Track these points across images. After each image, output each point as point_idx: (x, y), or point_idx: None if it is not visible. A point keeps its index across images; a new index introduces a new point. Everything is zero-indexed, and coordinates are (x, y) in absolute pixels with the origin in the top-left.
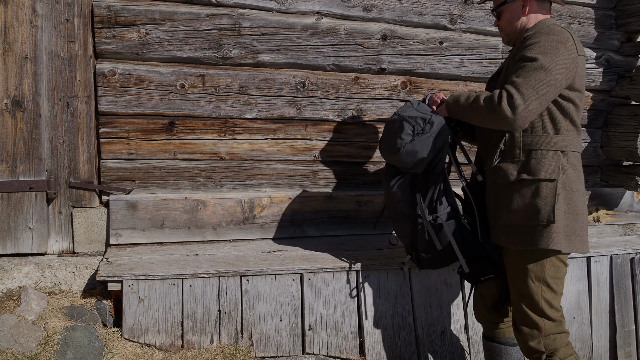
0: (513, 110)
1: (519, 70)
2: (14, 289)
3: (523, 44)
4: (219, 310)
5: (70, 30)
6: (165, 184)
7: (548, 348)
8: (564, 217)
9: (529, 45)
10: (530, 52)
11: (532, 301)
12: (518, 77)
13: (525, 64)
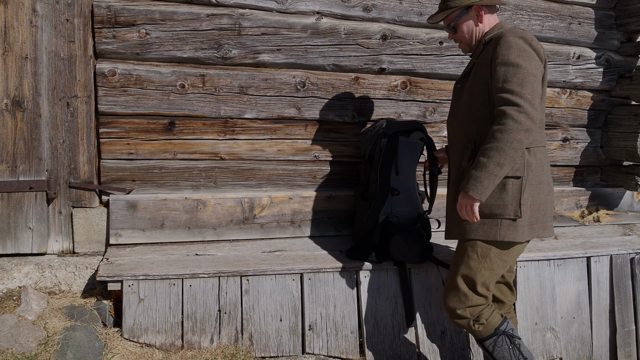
0: (528, 115)
1: (505, 76)
2: (14, 289)
3: (492, 47)
4: (219, 310)
5: (70, 30)
6: (165, 184)
7: (473, 314)
8: (529, 210)
9: (502, 48)
10: (508, 55)
11: (469, 278)
12: (508, 83)
13: (508, 69)
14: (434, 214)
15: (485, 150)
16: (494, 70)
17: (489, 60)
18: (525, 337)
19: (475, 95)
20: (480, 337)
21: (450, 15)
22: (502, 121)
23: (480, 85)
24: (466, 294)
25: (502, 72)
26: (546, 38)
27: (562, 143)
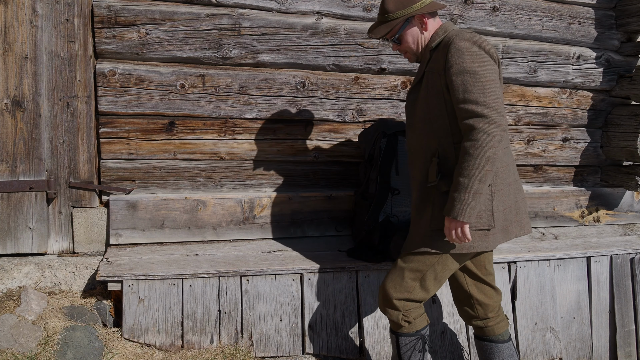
0: (498, 125)
1: (464, 86)
2: (14, 289)
3: (442, 54)
4: (219, 310)
5: (70, 30)
6: (165, 184)
7: (405, 308)
8: (502, 215)
9: (454, 55)
10: (462, 63)
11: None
12: (470, 93)
13: (465, 77)
14: None
15: (463, 170)
16: (450, 81)
17: (442, 69)
18: (525, 337)
19: (432, 106)
20: (401, 332)
21: (394, 28)
22: (474, 136)
23: (435, 96)
24: (409, 287)
25: (459, 81)
26: (546, 38)
27: (562, 143)
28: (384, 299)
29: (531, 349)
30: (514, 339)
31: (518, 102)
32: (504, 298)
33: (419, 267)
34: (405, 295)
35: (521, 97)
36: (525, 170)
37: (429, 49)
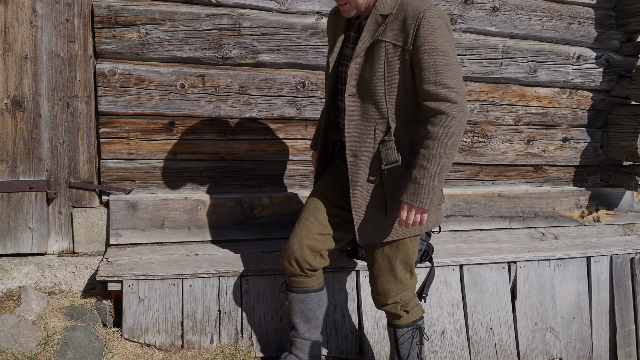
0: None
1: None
2: (14, 289)
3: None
4: (219, 310)
5: (70, 30)
6: (165, 184)
7: (403, 299)
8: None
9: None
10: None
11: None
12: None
13: (437, 58)
14: None
15: (432, 157)
16: (420, 59)
17: (408, 43)
18: (525, 337)
19: (390, 82)
20: (399, 323)
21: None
22: (446, 123)
23: (394, 71)
24: (403, 279)
25: (431, 61)
26: (546, 38)
27: (562, 143)
28: (384, 297)
29: (531, 349)
30: (514, 339)
31: (518, 102)
32: (504, 298)
33: (405, 259)
34: (402, 288)
35: (521, 97)
36: (525, 170)
37: (377, 12)
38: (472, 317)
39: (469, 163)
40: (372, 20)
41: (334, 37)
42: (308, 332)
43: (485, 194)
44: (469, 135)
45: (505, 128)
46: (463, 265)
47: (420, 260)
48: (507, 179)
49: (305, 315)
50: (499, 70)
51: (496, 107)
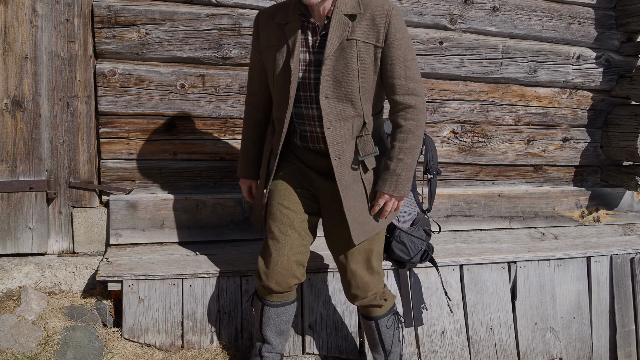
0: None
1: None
2: (14, 289)
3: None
4: (219, 310)
5: (70, 30)
6: (165, 184)
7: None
8: None
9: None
10: (404, 38)
11: (380, 253)
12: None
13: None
14: (434, 214)
15: (407, 149)
16: (391, 55)
17: (379, 41)
18: (525, 337)
19: (365, 79)
20: (379, 314)
21: None
22: (417, 117)
23: (368, 68)
24: (378, 270)
25: (402, 56)
26: (546, 38)
27: (562, 143)
28: (365, 290)
29: (531, 349)
30: (514, 339)
31: (518, 102)
32: (504, 298)
33: (379, 249)
34: (379, 279)
35: (521, 97)
36: (525, 170)
37: (340, 12)
38: (472, 317)
39: (469, 163)
40: (337, 21)
41: (282, 42)
42: (280, 345)
43: (485, 194)
44: (469, 135)
45: (505, 128)
46: (463, 265)
47: (421, 260)
48: (507, 179)
49: (279, 328)
50: (499, 70)
51: (496, 107)
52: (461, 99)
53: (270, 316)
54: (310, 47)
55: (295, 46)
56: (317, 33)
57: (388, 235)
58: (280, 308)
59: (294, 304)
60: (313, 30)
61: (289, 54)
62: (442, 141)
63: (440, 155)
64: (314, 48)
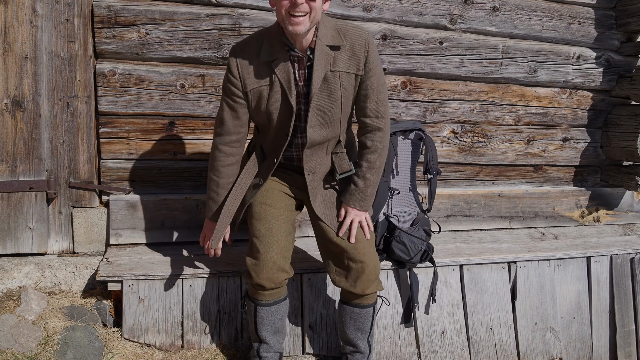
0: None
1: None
2: (14, 289)
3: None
4: (219, 310)
5: (70, 30)
6: (165, 184)
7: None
8: None
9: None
10: (379, 65)
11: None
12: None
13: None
14: (434, 214)
15: (374, 168)
16: (369, 81)
17: (360, 70)
18: (525, 337)
19: (346, 105)
20: (374, 300)
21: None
22: (383, 139)
23: (349, 96)
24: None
25: (376, 83)
26: (546, 38)
27: (562, 143)
28: (373, 285)
29: (531, 349)
30: (514, 339)
31: (518, 102)
32: (504, 298)
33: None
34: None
35: (521, 97)
36: (525, 170)
37: (323, 43)
38: (472, 317)
39: (469, 163)
40: (320, 52)
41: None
42: (278, 343)
43: (485, 194)
44: (469, 135)
45: (505, 128)
46: (463, 265)
47: (421, 261)
48: (507, 179)
49: (274, 326)
50: (499, 70)
51: (496, 107)
52: (461, 99)
53: (265, 316)
54: (297, 80)
55: (290, 83)
56: (304, 66)
57: (388, 235)
58: (274, 307)
59: (286, 301)
60: (299, 63)
61: (285, 91)
62: (442, 141)
63: (440, 155)
64: (302, 81)
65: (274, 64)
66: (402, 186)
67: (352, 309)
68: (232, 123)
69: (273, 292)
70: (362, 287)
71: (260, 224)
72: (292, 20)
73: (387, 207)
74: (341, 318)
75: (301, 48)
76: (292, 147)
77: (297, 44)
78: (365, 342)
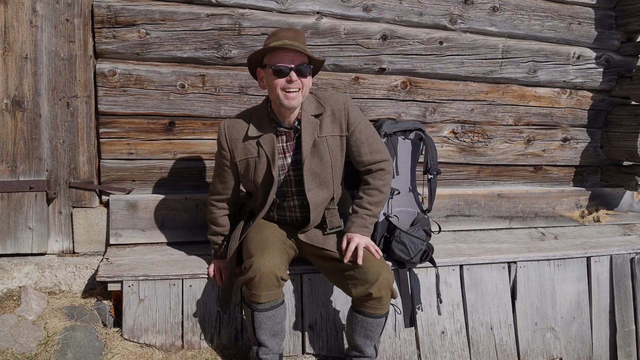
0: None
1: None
2: (14, 289)
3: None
4: (219, 310)
5: (70, 30)
6: (165, 184)
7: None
8: None
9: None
10: (362, 119)
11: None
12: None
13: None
14: (434, 214)
15: (375, 203)
16: (356, 137)
17: (343, 131)
18: (525, 337)
19: (337, 164)
20: (386, 310)
21: (312, 60)
22: (385, 177)
23: (339, 155)
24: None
25: (364, 136)
26: (546, 38)
27: (562, 143)
28: (386, 291)
29: (531, 349)
30: (514, 339)
31: (518, 102)
32: (504, 298)
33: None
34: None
35: (521, 97)
36: (525, 170)
37: (308, 113)
38: (472, 317)
39: (469, 163)
40: (307, 122)
41: (261, 154)
42: (277, 345)
43: (485, 194)
44: (469, 135)
45: (505, 128)
46: (463, 265)
47: (421, 261)
48: (507, 179)
49: (272, 330)
50: (499, 70)
51: (496, 107)
52: (461, 99)
53: (262, 321)
54: (286, 151)
55: (274, 156)
56: (292, 138)
57: (388, 235)
58: (271, 312)
59: (283, 305)
60: (287, 136)
61: (269, 164)
62: (442, 141)
63: (440, 155)
64: (291, 151)
65: (260, 138)
66: (402, 186)
67: (364, 318)
68: (220, 186)
69: (270, 294)
70: (379, 287)
71: (254, 246)
72: (287, 96)
73: (387, 207)
74: (351, 325)
75: (289, 122)
76: (286, 210)
77: (286, 120)
78: (372, 348)
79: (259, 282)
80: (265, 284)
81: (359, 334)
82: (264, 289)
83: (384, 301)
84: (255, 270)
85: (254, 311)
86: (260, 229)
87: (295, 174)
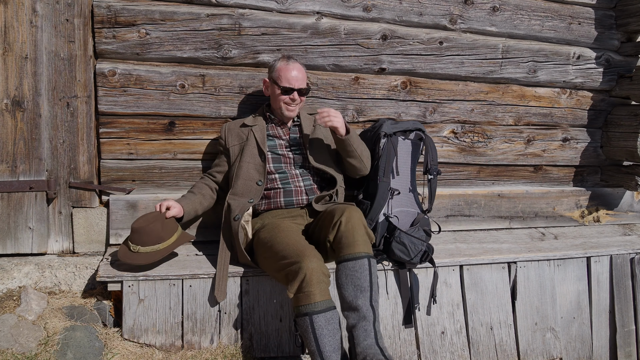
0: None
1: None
2: (14, 289)
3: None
4: (219, 310)
5: (70, 30)
6: (165, 184)
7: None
8: None
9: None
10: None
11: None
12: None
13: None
14: (434, 214)
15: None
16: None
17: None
18: (525, 337)
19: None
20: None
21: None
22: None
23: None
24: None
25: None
26: (546, 38)
27: (562, 143)
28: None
29: (531, 349)
30: (514, 339)
31: (518, 102)
32: (504, 298)
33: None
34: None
35: (521, 97)
36: (525, 170)
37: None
38: (472, 317)
39: (469, 163)
40: (304, 117)
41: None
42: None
43: (485, 194)
44: (469, 135)
45: (505, 128)
46: (463, 265)
47: (421, 261)
48: (507, 179)
49: (334, 338)
50: (499, 70)
51: (496, 107)
52: (461, 99)
53: (322, 325)
54: (282, 135)
55: (264, 140)
56: (288, 130)
57: (388, 236)
58: (329, 313)
59: (336, 310)
60: (283, 128)
61: (259, 145)
62: (442, 141)
63: (440, 155)
64: (287, 135)
65: (253, 127)
66: (402, 186)
67: (345, 264)
68: (214, 169)
69: (323, 291)
70: (347, 217)
71: (286, 246)
72: (288, 108)
73: (387, 208)
74: (339, 282)
75: (287, 121)
76: (289, 179)
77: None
78: (368, 305)
79: (310, 279)
80: (317, 280)
81: (348, 288)
82: (316, 286)
83: (358, 235)
84: (305, 269)
85: (312, 315)
86: (278, 229)
87: (294, 150)
